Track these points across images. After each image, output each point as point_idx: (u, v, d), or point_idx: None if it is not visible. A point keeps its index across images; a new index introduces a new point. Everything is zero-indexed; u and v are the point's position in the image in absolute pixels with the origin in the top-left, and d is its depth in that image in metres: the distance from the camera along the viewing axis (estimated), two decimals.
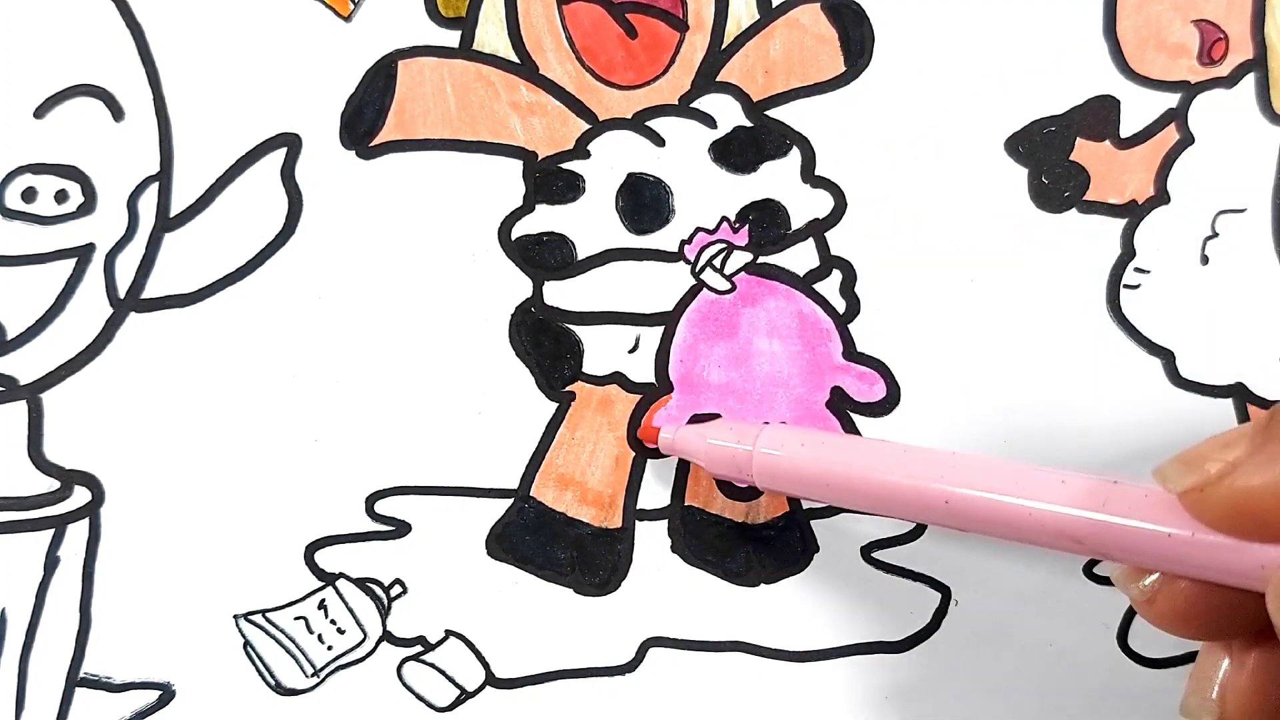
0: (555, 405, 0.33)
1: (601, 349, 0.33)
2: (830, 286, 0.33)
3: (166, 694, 0.33)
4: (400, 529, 0.33)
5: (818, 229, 0.33)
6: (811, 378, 0.33)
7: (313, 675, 0.33)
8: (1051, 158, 0.33)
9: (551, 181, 0.33)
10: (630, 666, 0.33)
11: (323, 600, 0.33)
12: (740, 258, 0.33)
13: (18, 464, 0.33)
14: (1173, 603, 0.24)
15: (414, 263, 0.33)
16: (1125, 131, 0.33)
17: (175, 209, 0.33)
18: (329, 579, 0.33)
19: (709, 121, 0.33)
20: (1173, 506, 0.23)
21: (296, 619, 0.33)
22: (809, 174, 0.33)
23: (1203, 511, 0.23)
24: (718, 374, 0.33)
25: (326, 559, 0.33)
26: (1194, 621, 0.24)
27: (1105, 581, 0.33)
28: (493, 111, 0.33)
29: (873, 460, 0.28)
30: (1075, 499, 0.25)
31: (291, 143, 0.33)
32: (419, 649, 0.33)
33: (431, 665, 0.33)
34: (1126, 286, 0.33)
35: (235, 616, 0.33)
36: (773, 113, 0.33)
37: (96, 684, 0.33)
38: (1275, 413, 0.23)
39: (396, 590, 0.33)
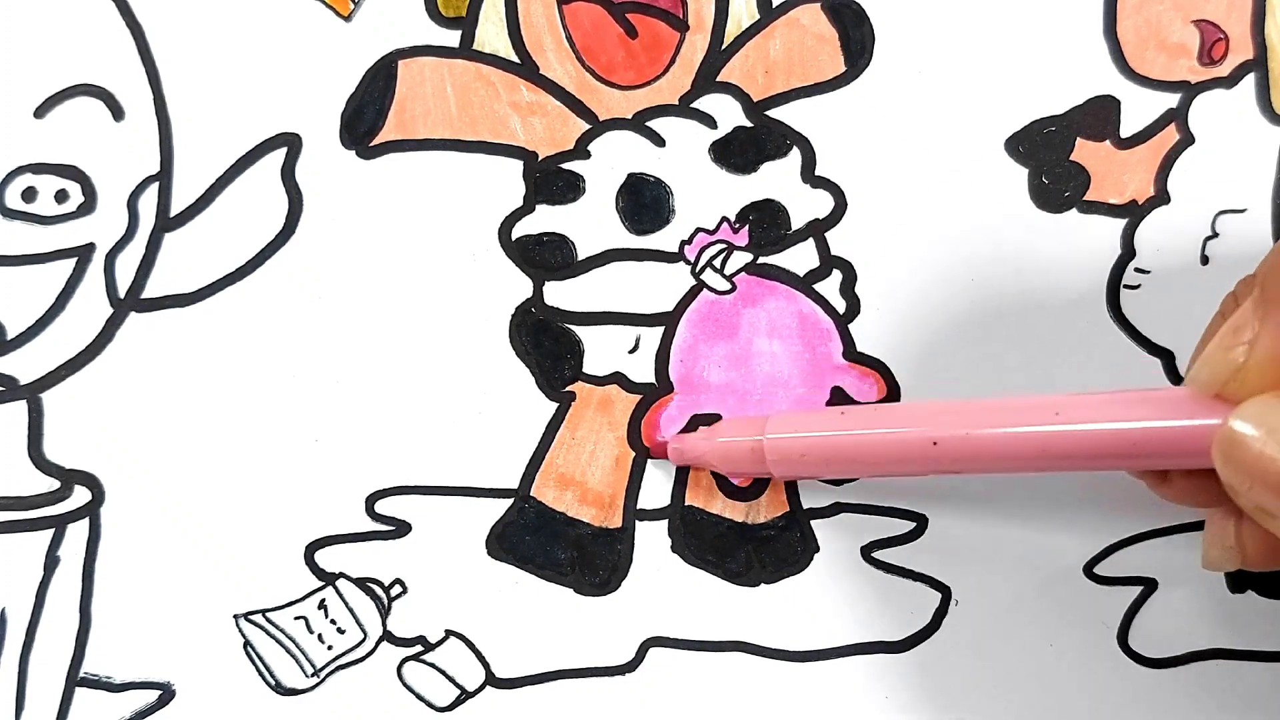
0: (555, 405, 0.33)
1: (602, 349, 0.33)
2: (830, 286, 0.33)
3: (166, 694, 0.33)
4: (400, 529, 0.33)
5: (818, 229, 0.33)
6: (812, 378, 0.33)
7: (313, 675, 0.33)
8: (1051, 158, 0.33)
9: (552, 181, 0.33)
10: (630, 666, 0.33)
11: (323, 600, 0.33)
12: (740, 258, 0.33)
13: (18, 464, 0.33)
14: (1185, 484, 0.27)
15: (414, 263, 0.33)
16: (1125, 131, 0.33)
17: (175, 209, 0.33)
18: (329, 579, 0.33)
19: (709, 121, 0.33)
20: (1197, 402, 0.25)
21: (296, 619, 0.33)
22: (809, 174, 0.33)
23: (1244, 393, 0.24)
24: (718, 374, 0.33)
25: (326, 559, 0.33)
26: (1205, 494, 0.27)
27: (1105, 581, 0.33)
28: (493, 111, 0.33)
29: (888, 421, 0.29)
30: (1109, 412, 0.26)
31: (291, 143, 0.33)
32: (419, 649, 0.33)
33: (431, 665, 0.33)
34: (1126, 286, 0.33)
35: (235, 616, 0.33)
36: (773, 113, 0.33)
37: (96, 684, 0.33)
38: (1263, 279, 0.24)
39: (396, 590, 0.33)
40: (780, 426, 0.30)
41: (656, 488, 0.33)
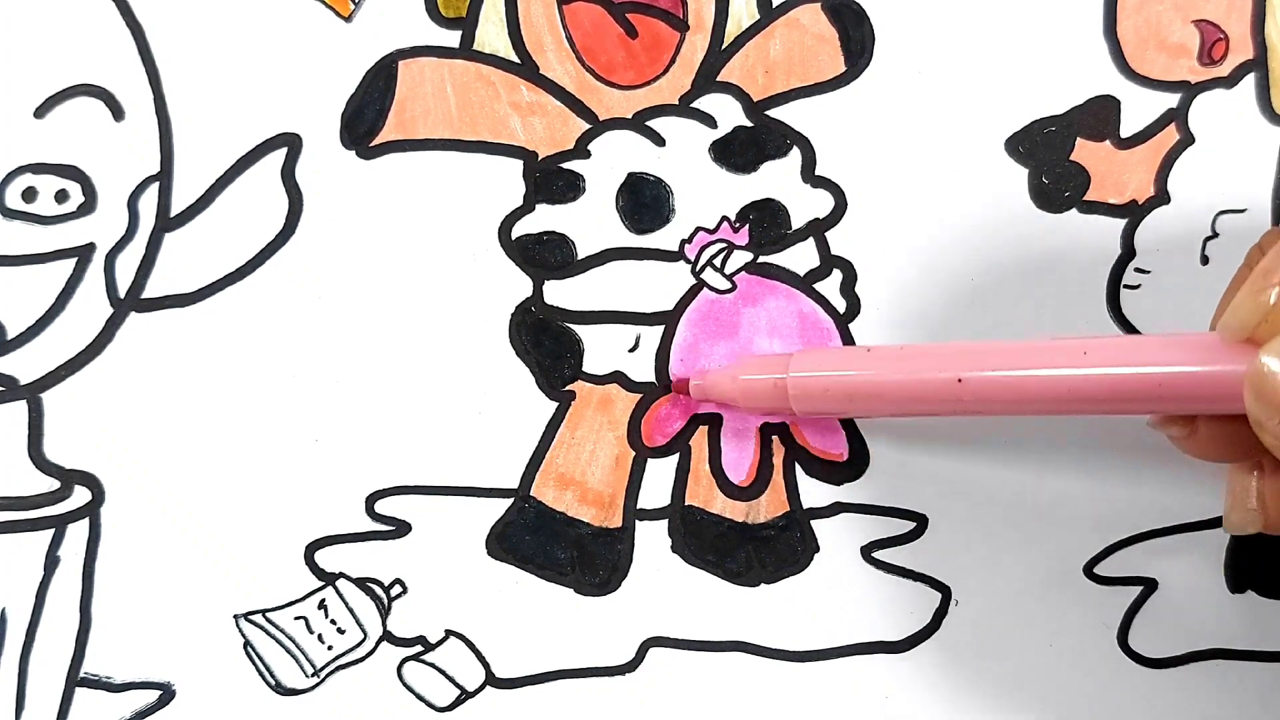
0: (555, 405, 0.33)
1: (602, 348, 0.33)
2: (830, 286, 0.33)
3: (166, 694, 0.33)
4: (400, 529, 0.33)
5: (818, 229, 0.33)
6: None
7: (313, 675, 0.33)
8: (1051, 158, 0.33)
9: (552, 181, 0.33)
10: (630, 666, 0.33)
11: (323, 600, 0.33)
12: (740, 257, 0.33)
13: (18, 464, 0.33)
14: (1210, 433, 0.27)
15: (414, 263, 0.33)
16: (1125, 131, 0.33)
17: (175, 209, 0.33)
18: (329, 579, 0.33)
19: (709, 121, 0.33)
20: (1227, 346, 0.25)
21: (296, 619, 0.33)
22: (809, 174, 0.33)
23: (1275, 335, 0.24)
24: None
25: (326, 559, 0.33)
26: (1229, 446, 0.27)
27: (1105, 581, 0.33)
28: (493, 111, 0.33)
29: (913, 358, 0.29)
30: (1138, 355, 0.26)
31: (292, 143, 0.33)
32: (419, 649, 0.33)
33: (431, 665, 0.33)
34: (1126, 286, 0.33)
35: (235, 616, 0.33)
36: (773, 113, 0.33)
37: (96, 684, 0.32)
38: None
39: (396, 590, 0.33)
40: (804, 364, 0.30)
41: (656, 487, 0.33)
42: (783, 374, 0.30)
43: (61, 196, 0.33)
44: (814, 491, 0.33)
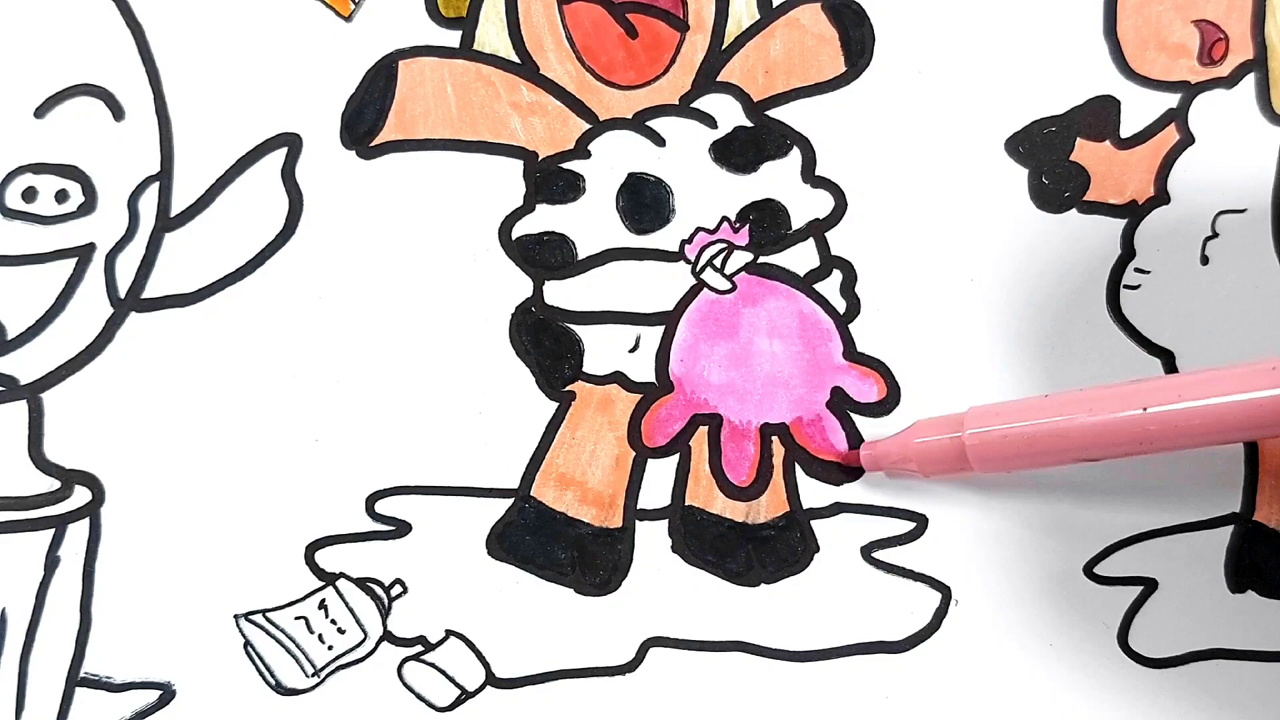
0: (555, 405, 0.33)
1: (602, 348, 0.33)
2: (830, 286, 0.33)
3: (166, 694, 0.33)
4: (400, 529, 0.33)
5: (818, 229, 0.33)
6: (812, 378, 0.33)
7: (313, 675, 0.33)
8: (1051, 158, 0.33)
9: (552, 181, 0.33)
10: (630, 666, 0.33)
11: (323, 600, 0.33)
12: (741, 257, 0.33)
13: (18, 464, 0.33)
14: None
15: (414, 263, 0.33)
16: (1125, 131, 0.33)
17: (175, 209, 0.33)
18: (329, 579, 0.33)
19: (709, 121, 0.33)
20: None
21: (297, 619, 0.33)
22: (809, 174, 0.33)
23: None
24: (718, 374, 0.33)
25: (327, 559, 0.33)
26: None
27: (1105, 581, 0.33)
28: (493, 111, 0.33)
29: (1091, 399, 0.29)
30: None
31: (292, 143, 0.33)
32: (419, 649, 0.33)
33: (432, 665, 0.33)
34: (1126, 286, 0.33)
35: (235, 616, 0.33)
36: (773, 113, 0.33)
37: (96, 684, 0.32)
38: None
39: (397, 590, 0.33)
40: (980, 420, 0.30)
41: (657, 487, 0.33)
42: (959, 432, 0.30)
43: (61, 196, 0.33)
44: (814, 491, 0.33)
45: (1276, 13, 0.33)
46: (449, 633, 0.33)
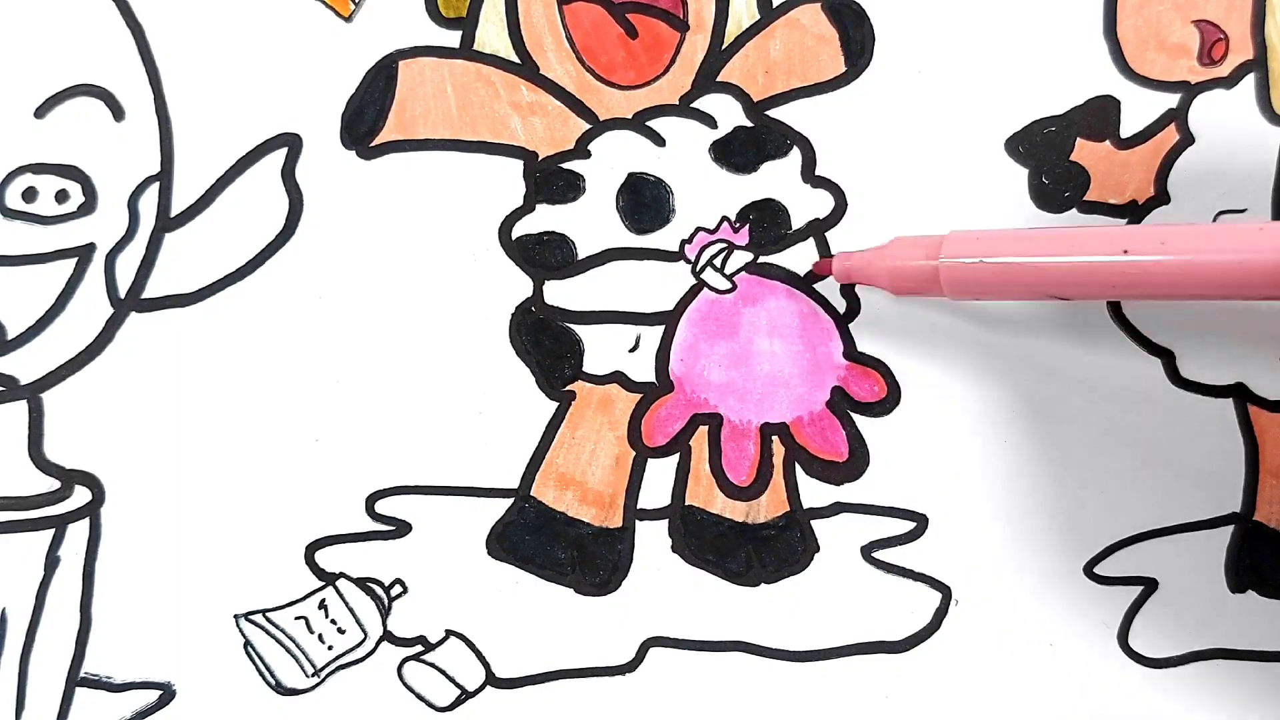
0: (555, 405, 0.33)
1: (602, 348, 0.33)
2: (830, 286, 0.33)
3: (166, 694, 0.33)
4: (400, 529, 0.33)
5: (818, 229, 0.33)
6: (812, 377, 0.33)
7: (313, 675, 0.33)
8: (1051, 158, 0.33)
9: (552, 181, 0.33)
10: (630, 666, 0.33)
11: (323, 600, 0.33)
12: (741, 257, 0.33)
13: (18, 464, 0.33)
14: None
15: (414, 263, 0.33)
16: (1125, 131, 0.33)
17: (175, 209, 0.33)
18: (329, 579, 0.33)
19: (709, 121, 0.33)
20: None
21: (297, 619, 0.33)
22: (809, 174, 0.33)
23: None
24: (718, 373, 0.33)
25: (327, 559, 0.33)
26: None
27: (1105, 581, 0.33)
28: (493, 111, 0.33)
29: (1067, 245, 0.28)
30: None
31: (292, 143, 0.33)
32: (419, 649, 0.33)
33: (432, 665, 0.33)
34: None
35: (235, 616, 0.33)
36: (773, 113, 0.33)
37: (96, 684, 0.33)
38: None
39: (397, 590, 0.33)
40: (958, 248, 0.30)
41: (657, 487, 0.33)
42: (935, 258, 0.30)
43: (62, 196, 0.33)
44: (814, 491, 0.33)
45: (1276, 13, 0.33)
46: (449, 633, 0.33)
